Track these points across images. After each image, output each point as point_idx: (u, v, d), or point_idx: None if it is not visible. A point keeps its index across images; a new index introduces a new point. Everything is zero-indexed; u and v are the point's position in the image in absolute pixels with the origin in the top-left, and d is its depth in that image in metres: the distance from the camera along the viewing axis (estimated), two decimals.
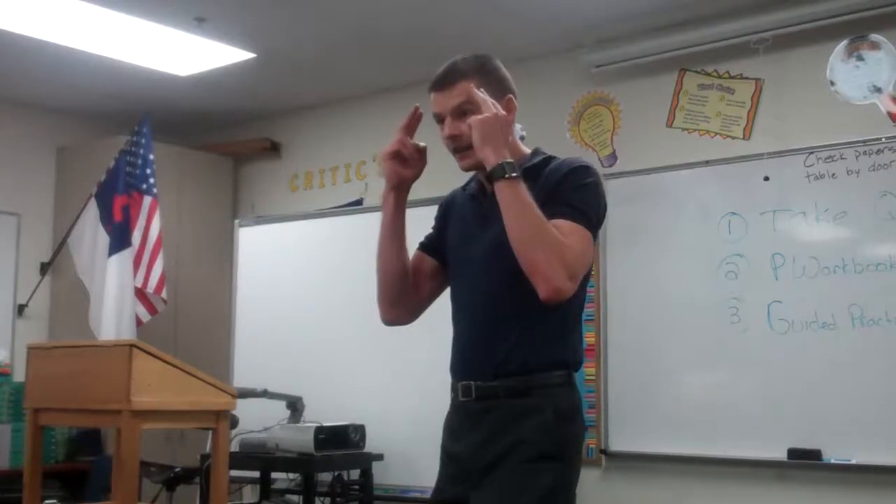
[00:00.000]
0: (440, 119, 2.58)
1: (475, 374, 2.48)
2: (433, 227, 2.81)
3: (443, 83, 2.58)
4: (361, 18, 5.14)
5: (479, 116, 2.40)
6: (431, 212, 2.87)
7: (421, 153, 2.68)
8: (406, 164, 2.68)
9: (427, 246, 2.77)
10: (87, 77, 6.03)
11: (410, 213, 2.74)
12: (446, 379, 2.61)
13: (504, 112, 2.43)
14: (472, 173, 2.68)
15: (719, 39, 4.91)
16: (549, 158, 2.57)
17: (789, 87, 4.83)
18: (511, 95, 2.56)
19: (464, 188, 2.76)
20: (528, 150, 2.62)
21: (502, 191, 2.35)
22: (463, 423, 2.51)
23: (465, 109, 2.50)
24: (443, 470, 2.58)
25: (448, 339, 2.63)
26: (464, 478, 2.46)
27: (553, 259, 2.29)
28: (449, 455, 2.56)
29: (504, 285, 2.44)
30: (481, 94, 2.44)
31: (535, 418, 2.38)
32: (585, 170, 2.49)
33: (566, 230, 2.34)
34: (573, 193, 2.42)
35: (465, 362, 2.54)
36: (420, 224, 2.83)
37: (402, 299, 2.71)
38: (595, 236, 2.45)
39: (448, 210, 2.77)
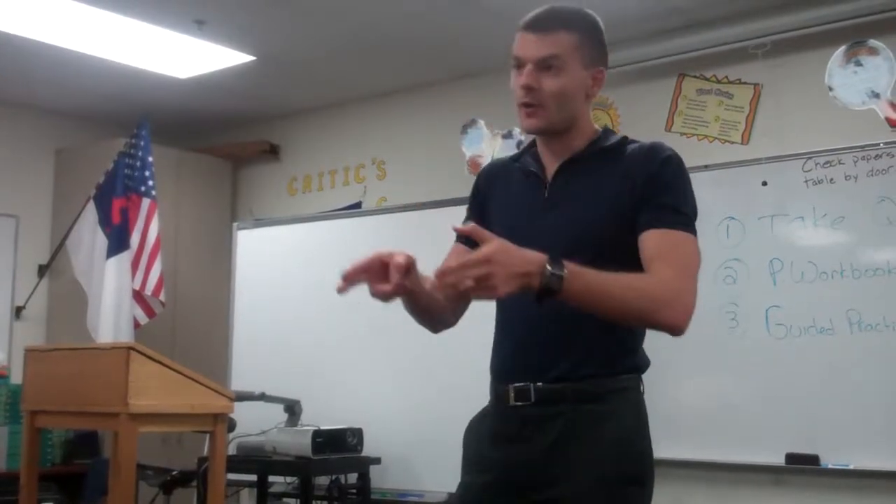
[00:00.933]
0: (520, 64, 2.25)
1: (533, 376, 2.20)
2: (469, 210, 2.45)
3: (539, 26, 2.28)
4: (360, 22, 5.14)
5: (484, 256, 1.87)
6: (438, 214, 2.85)
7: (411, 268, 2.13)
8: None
9: (468, 240, 2.30)
10: (87, 79, 6.03)
11: (421, 215, 2.72)
12: (443, 383, 2.61)
13: (495, 245, 1.90)
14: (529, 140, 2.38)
15: (718, 44, 4.92)
16: (626, 139, 2.29)
17: (788, 92, 4.84)
18: (602, 68, 2.31)
19: (514, 159, 2.40)
20: (596, 128, 2.33)
21: (569, 299, 1.94)
22: (512, 428, 2.21)
23: (553, 65, 2.21)
24: (473, 478, 2.28)
25: (445, 343, 2.60)
26: (508, 489, 2.18)
27: (666, 308, 2.09)
28: (485, 461, 2.25)
29: None
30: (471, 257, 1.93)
31: (610, 426, 2.16)
32: (678, 161, 2.24)
33: (673, 242, 2.14)
34: (672, 194, 2.18)
35: (521, 362, 2.25)
36: (424, 227, 2.82)
37: (449, 319, 2.45)
38: (696, 232, 2.24)
39: (491, 182, 2.41)
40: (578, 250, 2.04)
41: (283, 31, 5.28)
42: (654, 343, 5.04)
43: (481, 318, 2.43)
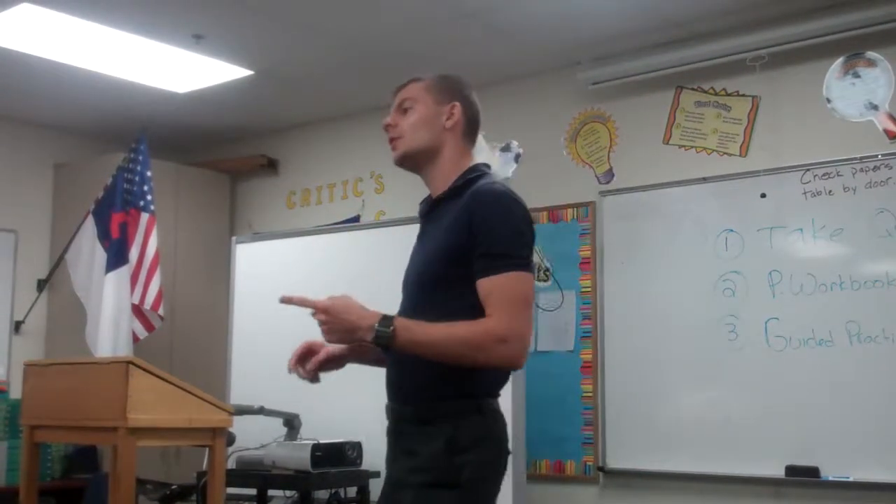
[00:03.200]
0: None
1: (392, 397, 2.57)
2: None
3: (397, 88, 2.73)
4: (358, 37, 5.15)
5: (330, 307, 2.40)
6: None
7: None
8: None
9: None
10: (85, 94, 6.04)
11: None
12: None
13: (332, 302, 2.41)
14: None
15: (715, 57, 4.93)
16: (474, 180, 2.55)
17: (786, 105, 4.85)
18: (457, 102, 2.68)
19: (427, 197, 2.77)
20: (470, 164, 2.65)
21: (403, 350, 2.36)
22: (387, 443, 2.60)
23: (406, 106, 2.64)
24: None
25: None
26: (384, 495, 2.59)
27: (491, 351, 2.33)
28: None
29: (413, 309, 2.49)
30: (311, 299, 2.46)
31: (431, 446, 2.40)
32: (492, 201, 2.45)
33: (490, 289, 2.36)
34: (487, 240, 2.39)
35: (387, 384, 2.60)
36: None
37: None
38: (524, 265, 2.41)
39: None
40: (420, 286, 2.51)
41: (280, 45, 5.29)
42: (652, 356, 5.05)
43: None
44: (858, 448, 4.40)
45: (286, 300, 2.51)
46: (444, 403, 2.43)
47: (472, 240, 2.40)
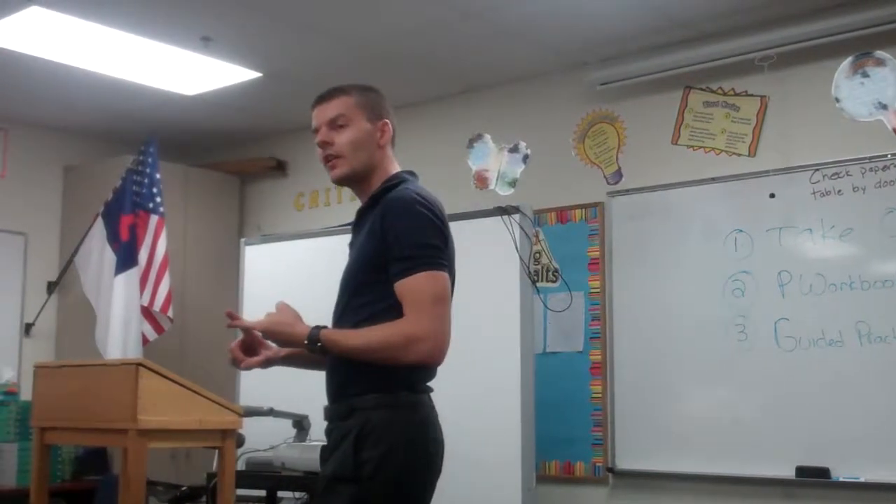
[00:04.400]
0: (316, 130, 2.73)
1: (327, 396, 2.68)
2: None
3: (321, 99, 2.77)
4: (366, 38, 5.16)
5: (267, 328, 2.67)
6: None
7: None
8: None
9: None
10: (94, 97, 6.06)
11: None
12: (450, 399, 2.62)
13: (266, 323, 2.67)
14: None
15: (724, 57, 4.92)
16: (390, 189, 2.67)
17: (794, 104, 4.84)
18: (387, 121, 2.79)
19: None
20: (394, 171, 2.78)
21: (331, 350, 2.54)
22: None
23: (340, 123, 2.70)
24: None
25: (452, 359, 2.64)
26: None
27: (408, 350, 2.48)
28: None
29: (341, 312, 2.67)
30: (250, 322, 2.72)
31: (345, 440, 2.52)
32: (401, 206, 2.58)
33: (403, 291, 2.51)
34: (397, 244, 2.53)
35: (325, 384, 2.70)
36: None
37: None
38: (435, 264, 2.54)
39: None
40: (348, 292, 2.66)
41: (289, 47, 5.29)
42: (662, 357, 5.05)
43: (488, 335, 2.52)
44: (869, 448, 4.39)
45: (232, 326, 2.75)
46: (359, 399, 2.54)
47: (385, 246, 2.54)
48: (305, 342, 2.54)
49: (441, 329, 2.51)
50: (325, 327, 2.57)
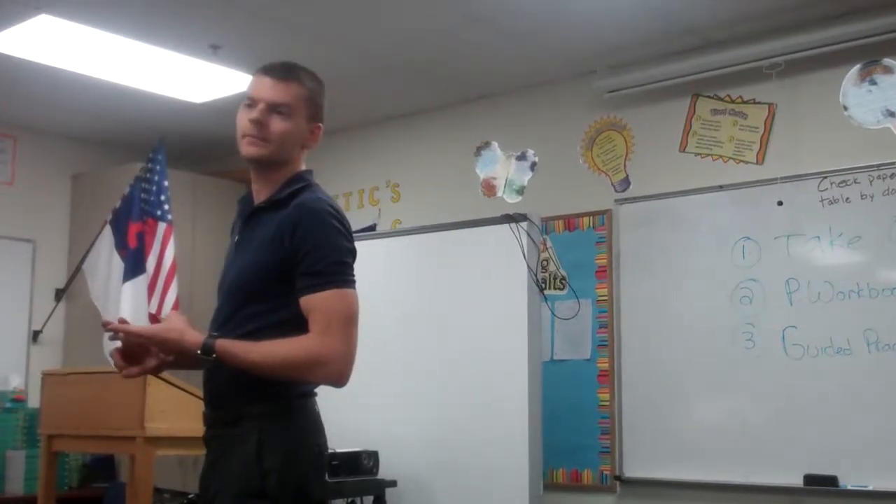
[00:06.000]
0: (253, 103, 2.54)
1: (206, 401, 2.55)
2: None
3: (277, 73, 2.58)
4: (374, 45, 5.16)
5: (153, 336, 2.45)
6: (452, 236, 2.87)
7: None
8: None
9: None
10: (103, 104, 6.07)
11: (435, 237, 2.75)
12: (458, 406, 2.61)
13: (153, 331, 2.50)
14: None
15: (732, 65, 4.92)
16: (297, 193, 2.53)
17: (802, 112, 4.83)
18: (321, 125, 2.64)
19: (243, 196, 2.71)
20: (301, 169, 2.61)
21: (226, 362, 2.38)
22: (205, 450, 2.56)
23: (283, 111, 2.52)
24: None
25: (462, 365, 2.64)
26: None
27: (314, 372, 2.38)
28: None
29: (226, 319, 2.51)
30: (135, 329, 2.49)
31: (239, 450, 2.40)
32: (312, 216, 2.44)
33: (311, 307, 2.38)
34: (307, 258, 2.40)
35: (204, 390, 2.57)
36: (439, 250, 2.82)
37: None
38: (347, 282, 2.43)
39: (236, 218, 2.74)
40: (234, 297, 2.50)
41: (297, 55, 5.25)
42: (669, 365, 5.04)
43: (495, 343, 2.48)
44: (877, 457, 4.38)
45: (114, 330, 2.44)
46: (252, 406, 2.42)
47: (293, 255, 2.41)
48: (198, 352, 2.37)
49: (350, 351, 2.40)
50: (217, 336, 2.41)
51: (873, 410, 4.41)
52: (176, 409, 3.06)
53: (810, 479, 4.50)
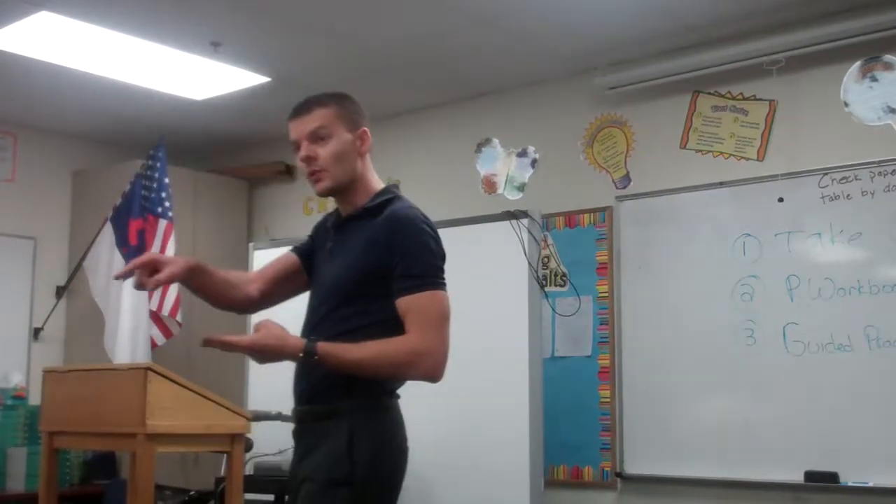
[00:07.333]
0: (297, 146, 2.77)
1: (297, 399, 2.73)
2: (309, 237, 3.01)
3: (299, 111, 2.78)
4: (375, 42, 5.16)
5: (254, 344, 2.58)
6: (453, 233, 2.87)
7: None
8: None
9: (301, 251, 2.97)
10: (103, 101, 6.07)
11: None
12: (459, 404, 2.64)
13: (256, 338, 2.58)
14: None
15: (732, 61, 4.91)
16: (387, 203, 2.72)
17: (803, 109, 4.83)
18: (366, 128, 2.81)
19: (330, 215, 2.93)
20: (379, 186, 2.81)
21: (327, 363, 2.54)
22: (294, 443, 2.74)
23: (321, 135, 2.71)
24: None
25: (468, 363, 2.68)
26: (292, 495, 2.70)
27: (413, 367, 2.55)
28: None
29: (315, 322, 2.70)
30: (234, 340, 2.61)
31: (329, 443, 2.56)
32: (408, 224, 2.64)
33: (409, 307, 2.56)
34: (404, 261, 2.58)
35: (294, 387, 2.74)
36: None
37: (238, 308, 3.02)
38: (439, 284, 2.62)
39: (317, 233, 2.97)
40: (332, 299, 2.65)
41: (298, 52, 5.30)
42: (670, 362, 5.04)
43: (496, 339, 2.52)
44: (878, 453, 4.38)
45: (211, 344, 2.61)
46: (343, 403, 2.58)
47: (388, 261, 2.58)
48: (301, 354, 2.54)
49: (445, 348, 2.58)
50: (317, 340, 2.57)
51: (874, 407, 4.41)
52: (177, 406, 3.06)
53: (811, 476, 4.51)
